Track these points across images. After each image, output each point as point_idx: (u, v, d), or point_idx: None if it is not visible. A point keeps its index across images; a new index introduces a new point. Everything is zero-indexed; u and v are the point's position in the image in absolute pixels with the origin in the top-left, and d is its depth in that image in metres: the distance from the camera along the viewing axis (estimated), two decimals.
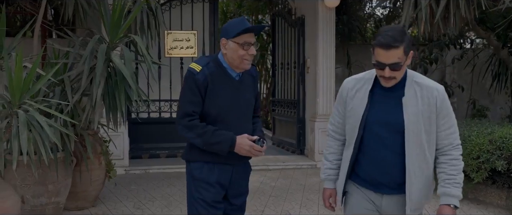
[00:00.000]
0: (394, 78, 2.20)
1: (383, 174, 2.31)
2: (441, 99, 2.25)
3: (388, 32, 2.14)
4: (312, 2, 7.43)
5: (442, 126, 2.27)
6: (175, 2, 7.47)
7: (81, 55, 4.00)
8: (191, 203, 2.61)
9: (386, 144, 2.28)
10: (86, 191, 4.86)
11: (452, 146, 2.31)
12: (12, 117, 3.04)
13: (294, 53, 8.07)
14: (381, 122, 2.28)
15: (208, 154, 2.51)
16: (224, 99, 2.52)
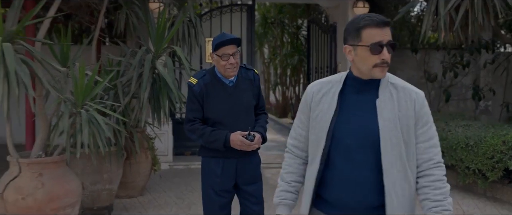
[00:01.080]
0: (388, 66, 1.88)
1: (356, 196, 1.89)
2: (421, 104, 1.90)
3: (373, 14, 1.89)
4: (343, 10, 7.89)
5: (421, 136, 1.90)
6: (215, 12, 8.12)
7: (131, 63, 4.68)
8: (203, 191, 3.19)
9: (358, 158, 1.88)
10: (135, 182, 5.55)
11: (433, 163, 1.90)
12: (76, 116, 3.73)
13: (327, 58, 8.55)
14: (352, 130, 1.89)
15: (214, 150, 3.04)
16: (219, 104, 3.04)
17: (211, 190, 3.11)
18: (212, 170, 3.10)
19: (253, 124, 3.14)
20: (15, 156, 3.72)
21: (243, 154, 3.05)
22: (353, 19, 1.91)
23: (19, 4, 3.50)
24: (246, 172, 3.13)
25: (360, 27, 1.84)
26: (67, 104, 3.73)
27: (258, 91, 3.24)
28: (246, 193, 3.16)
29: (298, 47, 13.37)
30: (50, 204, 3.64)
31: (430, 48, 9.23)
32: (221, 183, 3.10)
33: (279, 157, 7.89)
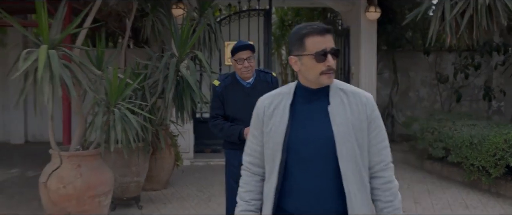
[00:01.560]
0: (334, 71, 1.91)
1: (316, 205, 1.89)
2: (372, 108, 1.93)
3: (314, 23, 1.92)
4: (356, 14, 8.24)
5: (373, 139, 1.92)
6: (234, 17, 8.54)
7: (157, 67, 5.14)
8: (226, 181, 3.64)
9: (316, 167, 1.88)
10: (159, 176, 6.02)
11: (384, 164, 1.94)
12: (110, 114, 4.19)
13: (341, 61, 8.90)
14: (307, 140, 1.89)
15: (233, 143, 3.50)
16: (237, 103, 3.51)
17: (232, 179, 3.53)
18: (231, 161, 3.53)
19: None
20: (57, 150, 4.20)
21: None
22: (295, 29, 1.91)
23: (62, 16, 3.98)
24: None
25: (302, 37, 1.86)
26: (102, 104, 4.20)
27: None
28: None
29: None
30: (88, 192, 4.11)
31: (442, 51, 9.48)
32: (239, 173, 3.51)
33: None
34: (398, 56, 10.01)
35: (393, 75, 9.98)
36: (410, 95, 10.28)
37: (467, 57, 9.17)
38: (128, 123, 4.17)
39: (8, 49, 9.89)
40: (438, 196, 5.91)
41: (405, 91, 10.22)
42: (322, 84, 1.90)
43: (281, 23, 15.61)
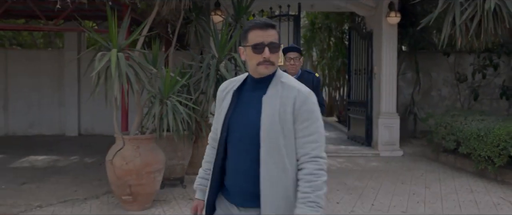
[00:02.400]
0: (273, 64, 2.04)
1: (240, 183, 2.06)
2: (302, 101, 2.01)
3: (259, 19, 2.07)
4: (378, 19, 8.95)
5: (300, 132, 1.99)
6: None
7: (200, 66, 6.05)
8: None
9: (243, 149, 2.04)
10: (200, 161, 6.89)
11: (309, 157, 1.99)
12: (163, 105, 5.12)
13: (364, 61, 9.61)
14: (240, 124, 2.06)
15: None
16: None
17: None
18: None
19: None
20: (120, 134, 5.15)
21: None
22: (246, 24, 2.10)
23: (126, 25, 4.93)
24: None
25: (247, 30, 2.04)
26: (157, 97, 5.13)
27: (315, 90, 4.37)
28: None
29: (342, 51, 14.42)
30: (145, 168, 5.04)
31: (462, 52, 10.05)
32: None
33: None
34: (420, 58, 10.64)
35: (415, 75, 10.62)
36: (432, 94, 10.88)
37: (485, 58, 9.72)
38: (178, 112, 5.08)
39: (64, 51, 11.08)
40: (447, 183, 6.59)
41: (428, 91, 10.83)
42: (261, 74, 2.04)
43: (312, 26, 16.32)
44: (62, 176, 6.85)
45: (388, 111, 8.82)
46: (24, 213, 5.07)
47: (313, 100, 2.03)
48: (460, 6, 6.72)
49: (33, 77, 10.98)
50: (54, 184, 6.32)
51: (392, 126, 8.81)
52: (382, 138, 8.79)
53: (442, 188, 6.30)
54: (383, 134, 8.77)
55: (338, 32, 15.39)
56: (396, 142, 8.85)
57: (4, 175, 6.88)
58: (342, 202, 5.58)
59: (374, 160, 8.36)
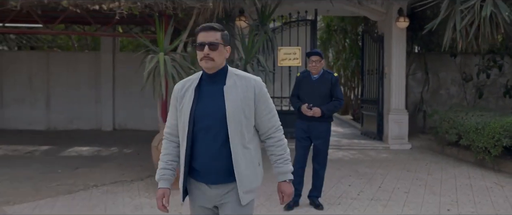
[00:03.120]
0: (213, 59, 2.39)
1: (213, 163, 2.41)
2: (259, 88, 2.46)
3: (212, 24, 2.46)
4: (388, 23, 9.76)
5: (263, 111, 2.48)
6: (286, 26, 10.27)
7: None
8: (296, 139, 5.30)
9: (213, 134, 2.39)
10: None
11: (274, 128, 2.55)
12: None
13: (376, 62, 10.43)
14: (207, 112, 2.40)
15: (299, 115, 5.22)
16: (306, 89, 5.21)
17: (298, 139, 5.26)
18: (297, 127, 5.25)
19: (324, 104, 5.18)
20: (162, 124, 6.08)
21: (312, 119, 5.15)
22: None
23: (170, 32, 5.86)
24: (313, 131, 5.22)
25: (196, 33, 2.46)
26: None
27: (333, 87, 5.22)
28: (314, 145, 5.28)
29: (356, 52, 15.21)
30: None
31: (468, 53, 10.77)
32: (301, 134, 5.23)
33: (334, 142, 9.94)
34: (429, 59, 11.39)
35: (425, 75, 11.38)
36: (441, 93, 11.62)
37: (490, 60, 10.45)
38: None
39: (100, 53, 12.12)
40: (448, 171, 7.39)
41: (437, 90, 11.57)
42: (205, 68, 2.45)
43: (328, 28, 17.14)
44: (108, 163, 7.84)
45: (398, 108, 9.64)
46: (84, 190, 6.04)
47: (263, 86, 2.54)
48: (460, 13, 7.52)
49: (72, 77, 12.05)
50: (104, 169, 7.30)
51: (401, 121, 9.62)
52: (392, 132, 9.60)
53: (443, 175, 7.10)
54: (393, 129, 9.59)
55: (353, 35, 16.17)
56: (405, 136, 9.65)
57: (58, 162, 7.89)
58: (353, 185, 6.44)
59: (384, 152, 9.19)
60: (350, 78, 16.96)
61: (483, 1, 7.33)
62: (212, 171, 2.41)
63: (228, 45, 2.51)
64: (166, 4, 5.56)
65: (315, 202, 5.30)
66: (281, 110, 10.14)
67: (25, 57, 12.25)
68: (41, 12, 6.12)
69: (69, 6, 5.51)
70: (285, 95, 9.86)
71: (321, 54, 5.27)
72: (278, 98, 10.25)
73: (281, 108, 10.19)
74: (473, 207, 5.42)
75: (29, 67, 12.05)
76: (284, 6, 9.23)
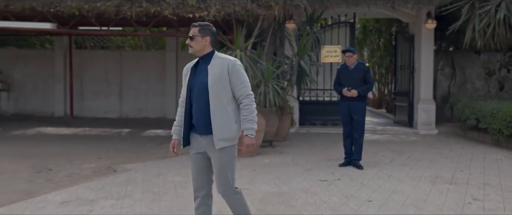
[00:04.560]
0: (191, 46, 3.35)
1: (201, 120, 3.28)
2: (232, 66, 3.29)
3: (196, 23, 3.42)
4: (418, 24, 11.22)
5: (235, 82, 3.28)
6: (328, 28, 11.85)
7: (286, 62, 8.63)
8: (340, 116, 6.94)
9: (201, 99, 3.28)
10: (281, 132, 9.50)
11: (243, 96, 3.31)
12: (266, 87, 7.73)
13: (407, 59, 11.89)
14: (197, 84, 3.32)
15: (341, 96, 6.82)
16: (344, 77, 6.85)
17: (342, 116, 6.88)
18: (341, 107, 6.88)
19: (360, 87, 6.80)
20: None
21: (351, 99, 6.77)
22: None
23: (243, 34, 7.58)
24: (352, 108, 6.83)
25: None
26: (262, 81, 7.75)
27: (365, 74, 6.84)
28: (352, 120, 6.88)
29: (390, 50, 16.62)
30: None
31: (491, 51, 12.08)
32: (343, 112, 6.86)
33: (369, 128, 11.48)
34: (456, 56, 12.76)
35: (452, 70, 12.76)
36: (467, 86, 12.97)
37: (510, 56, 11.76)
38: (275, 92, 7.69)
39: (165, 51, 14.02)
40: (468, 149, 8.83)
41: (463, 84, 12.93)
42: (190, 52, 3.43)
43: (363, 29, 18.61)
44: None
45: (426, 98, 11.09)
46: (176, 157, 7.81)
47: (238, 63, 3.37)
48: (478, 16, 8.97)
49: (141, 72, 13.99)
50: None
51: (429, 110, 11.07)
52: (421, 120, 11.06)
53: (462, 151, 8.57)
54: (421, 116, 11.04)
55: (387, 35, 17.58)
56: (432, 122, 11.09)
57: (143, 139, 9.76)
58: (386, 156, 7.99)
59: (413, 136, 10.67)
60: (384, 75, 18.36)
61: (498, 6, 8.75)
62: (202, 124, 3.31)
63: (206, 36, 3.39)
64: (241, 12, 7.28)
65: (356, 164, 6.91)
66: (323, 100, 11.75)
67: (102, 56, 14.31)
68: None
69: (169, 15, 7.28)
70: (327, 88, 11.45)
71: (353, 50, 6.88)
72: (321, 90, 11.84)
73: (323, 99, 11.78)
74: (482, 171, 6.88)
75: (105, 64, 14.08)
76: (328, 10, 10.82)
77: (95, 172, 6.68)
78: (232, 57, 3.42)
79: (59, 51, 14.04)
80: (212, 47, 3.44)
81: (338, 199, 5.19)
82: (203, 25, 3.44)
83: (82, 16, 7.91)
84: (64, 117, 13.95)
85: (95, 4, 7.32)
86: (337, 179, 6.18)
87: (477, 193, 5.49)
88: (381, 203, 5.05)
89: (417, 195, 5.38)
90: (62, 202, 5.06)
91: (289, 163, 7.33)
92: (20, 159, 7.59)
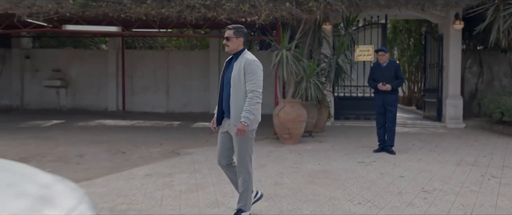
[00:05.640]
0: (228, 46, 4.00)
1: (226, 106, 4.04)
2: (248, 64, 3.90)
3: (231, 25, 4.08)
4: (447, 25, 12.00)
5: (247, 79, 3.91)
6: (361, 29, 12.75)
7: (325, 61, 9.60)
8: (375, 107, 7.90)
9: (227, 89, 4.03)
10: (319, 123, 10.48)
11: (249, 91, 3.90)
12: (307, 82, 8.73)
13: (436, 57, 12.68)
14: (226, 77, 4.05)
15: (375, 92, 7.78)
16: (378, 74, 7.77)
17: (376, 108, 7.82)
18: (375, 99, 7.82)
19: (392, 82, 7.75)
20: (282, 99, 8.80)
21: (384, 93, 7.69)
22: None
23: (288, 35, 8.59)
24: (385, 100, 7.76)
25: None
26: (304, 77, 8.76)
27: (396, 70, 7.78)
28: (386, 111, 7.81)
29: (419, 49, 17.37)
30: (297, 118, 8.67)
31: None
32: (377, 104, 7.81)
33: (400, 122, 12.32)
34: (483, 54, 13.48)
35: (480, 68, 13.47)
36: (494, 84, 13.65)
37: None
38: (316, 87, 8.68)
39: (209, 51, 15.17)
40: (492, 140, 9.63)
41: (491, 81, 13.62)
42: (226, 51, 4.12)
43: (394, 29, 19.37)
44: None
45: (454, 94, 11.87)
46: None
47: (255, 63, 3.97)
48: (503, 18, 9.74)
49: (187, 70, 15.18)
50: None
51: (457, 105, 11.85)
52: (449, 114, 11.85)
53: (487, 141, 9.37)
54: (449, 111, 11.84)
55: (417, 35, 18.31)
56: (460, 117, 11.86)
57: (194, 130, 10.89)
58: (415, 144, 8.88)
59: (441, 129, 11.49)
60: (414, 73, 19.08)
61: None
62: (227, 109, 4.07)
63: (240, 37, 4.05)
64: (287, 16, 8.30)
65: (390, 149, 7.84)
66: (356, 96, 12.66)
67: (150, 55, 15.57)
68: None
69: (223, 19, 8.36)
70: (360, 84, 12.36)
71: (385, 50, 7.82)
72: (355, 87, 12.74)
73: (356, 94, 12.69)
74: (503, 157, 7.71)
75: (153, 63, 15.33)
76: (362, 13, 11.72)
77: (162, 155, 7.81)
78: (253, 57, 4.04)
79: (112, 51, 15.36)
80: (244, 46, 4.11)
81: (375, 175, 6.17)
82: (237, 28, 4.04)
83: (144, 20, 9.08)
84: (117, 111, 15.26)
85: (160, 10, 8.46)
86: (372, 161, 7.14)
87: (496, 173, 6.37)
88: (412, 178, 6.00)
89: (443, 173, 6.30)
90: (145, 175, 6.19)
91: (329, 149, 8.32)
92: (93, 144, 8.80)
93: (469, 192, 5.37)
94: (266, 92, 10.89)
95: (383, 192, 5.32)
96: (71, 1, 8.88)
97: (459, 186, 5.61)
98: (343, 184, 5.69)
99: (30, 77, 15.81)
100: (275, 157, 7.55)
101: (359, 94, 12.69)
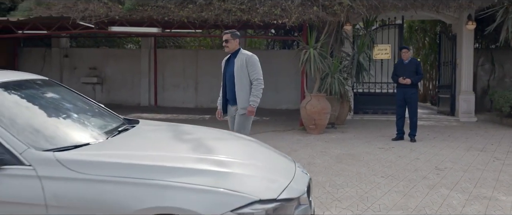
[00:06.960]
0: (227, 47, 5.05)
1: (231, 95, 5.09)
2: (248, 59, 4.98)
3: (227, 30, 5.10)
4: (460, 26, 12.85)
5: (249, 70, 4.97)
6: (379, 29, 13.65)
7: (347, 58, 10.55)
8: (396, 99, 8.84)
9: (231, 82, 5.07)
10: (341, 116, 11.42)
11: (254, 79, 4.98)
12: (332, 78, 9.69)
13: (450, 56, 13.53)
14: (228, 72, 5.08)
15: (397, 86, 8.76)
16: (399, 69, 8.77)
17: (397, 100, 8.76)
18: (397, 93, 8.76)
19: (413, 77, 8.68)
20: (309, 93, 9.78)
21: (405, 86, 8.62)
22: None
23: (314, 36, 9.57)
24: (406, 93, 8.69)
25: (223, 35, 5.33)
26: (329, 74, 9.72)
27: (417, 67, 8.72)
28: (407, 102, 8.73)
29: (434, 48, 18.18)
30: (322, 110, 9.63)
31: None
32: (399, 98, 8.74)
33: None
34: (495, 53, 14.28)
35: (492, 66, 14.28)
36: (505, 80, 14.44)
37: None
38: (340, 82, 9.64)
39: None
40: (501, 131, 10.48)
41: (502, 78, 14.41)
42: (225, 51, 5.30)
43: (409, 28, 20.18)
44: (266, 122, 11.74)
45: (466, 90, 12.73)
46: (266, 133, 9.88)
47: (253, 58, 5.09)
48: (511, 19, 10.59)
49: (214, 68, 16.17)
50: (265, 124, 11.21)
51: (469, 100, 12.70)
52: (461, 109, 12.71)
53: (496, 132, 10.24)
54: (462, 106, 12.69)
55: (431, 34, 19.11)
56: (472, 111, 12.70)
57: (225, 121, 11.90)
58: (429, 135, 9.80)
59: (454, 122, 12.36)
60: (429, 71, 19.89)
61: None
62: (231, 98, 5.11)
63: (237, 39, 5.13)
64: (314, 19, 9.27)
65: (412, 138, 8.79)
66: (375, 92, 13.56)
67: (180, 54, 16.65)
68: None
69: (257, 21, 9.36)
70: (378, 81, 13.27)
71: (408, 48, 8.75)
72: (373, 83, 13.64)
73: (375, 90, 13.58)
74: (509, 144, 8.59)
75: (183, 61, 16.40)
76: (380, 14, 12.62)
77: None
78: (250, 52, 5.14)
79: (145, 50, 16.46)
80: (239, 46, 5.20)
81: (394, 158, 7.13)
82: (233, 32, 5.16)
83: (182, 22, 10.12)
84: (149, 106, 16.37)
85: (200, 14, 9.49)
86: (391, 147, 8.10)
87: (501, 156, 7.29)
88: (426, 160, 6.95)
89: (454, 156, 7.24)
90: None
91: (352, 137, 9.28)
92: None
93: (475, 169, 6.31)
94: (289, 90, 11.86)
95: (402, 169, 6.29)
96: (120, 6, 9.96)
97: (467, 165, 6.55)
98: (367, 163, 6.66)
99: (69, 74, 17.00)
100: (304, 144, 8.53)
101: (377, 90, 13.57)
